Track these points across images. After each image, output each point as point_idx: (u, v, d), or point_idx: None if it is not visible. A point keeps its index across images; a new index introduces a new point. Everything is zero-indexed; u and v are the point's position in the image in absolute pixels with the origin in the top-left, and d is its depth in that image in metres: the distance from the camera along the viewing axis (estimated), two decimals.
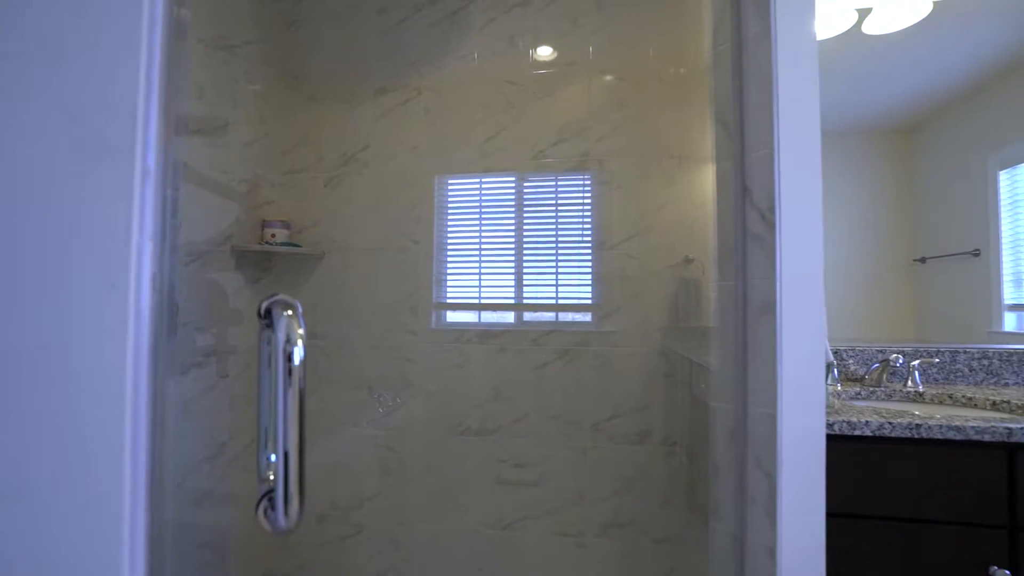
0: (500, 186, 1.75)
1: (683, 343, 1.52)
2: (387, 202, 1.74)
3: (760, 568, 0.76)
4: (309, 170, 1.77)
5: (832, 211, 1.68)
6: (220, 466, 1.55)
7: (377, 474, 1.70)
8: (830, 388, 1.34)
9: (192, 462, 1.47)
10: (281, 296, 0.52)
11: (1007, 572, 0.91)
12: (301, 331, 0.51)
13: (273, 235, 1.66)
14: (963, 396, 1.25)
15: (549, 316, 1.71)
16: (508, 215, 1.74)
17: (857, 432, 0.96)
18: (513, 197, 1.73)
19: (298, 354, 0.50)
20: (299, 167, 1.77)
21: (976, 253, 1.64)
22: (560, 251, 1.71)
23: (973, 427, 0.93)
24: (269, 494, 0.50)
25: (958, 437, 0.93)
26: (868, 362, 1.45)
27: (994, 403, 1.18)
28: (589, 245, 1.67)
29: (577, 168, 1.63)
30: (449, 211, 1.76)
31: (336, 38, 1.76)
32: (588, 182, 1.67)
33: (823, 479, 0.79)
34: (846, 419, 0.96)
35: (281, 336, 0.50)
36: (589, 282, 1.68)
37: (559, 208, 1.70)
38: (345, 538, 1.72)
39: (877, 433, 0.95)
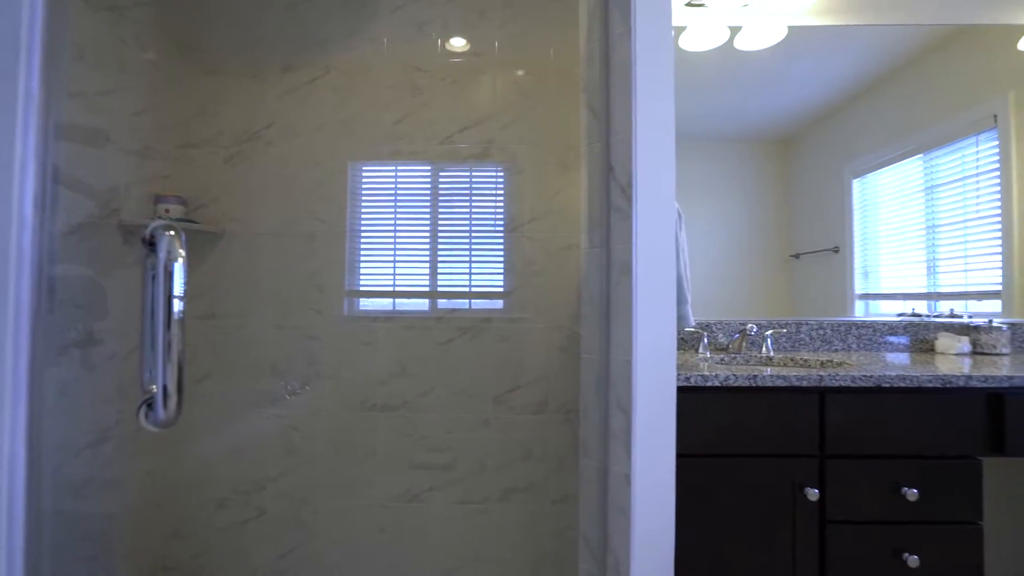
0: (415, 174, 1.78)
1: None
2: (293, 182, 1.72)
3: (618, 491, 0.88)
4: (208, 145, 1.71)
5: (722, 210, 1.90)
6: (105, 453, 1.47)
7: (281, 454, 1.69)
8: (701, 355, 1.53)
9: (72, 448, 1.39)
10: (164, 222, 0.55)
11: (816, 490, 1.11)
12: (182, 252, 0.54)
13: (167, 210, 1.60)
14: (802, 359, 1.48)
15: (463, 304, 1.78)
16: (423, 203, 1.78)
17: (710, 384, 1.12)
18: (428, 185, 1.78)
19: (179, 270, 0.53)
20: (196, 141, 1.70)
21: (835, 250, 1.93)
22: (474, 239, 1.77)
23: (795, 375, 1.12)
24: (150, 399, 0.53)
25: (784, 384, 1.12)
26: (733, 334, 1.67)
27: (822, 363, 1.42)
28: (501, 233, 1.76)
29: (482, 154, 1.72)
30: (363, 198, 1.77)
31: (238, 9, 1.72)
32: (501, 173, 1.75)
33: (673, 415, 0.93)
34: (700, 373, 1.12)
35: (163, 254, 0.53)
36: (501, 270, 1.77)
37: (473, 196, 1.77)
38: (247, 522, 1.68)
39: (724, 384, 1.12)
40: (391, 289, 1.78)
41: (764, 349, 1.54)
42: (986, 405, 1.15)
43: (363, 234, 1.77)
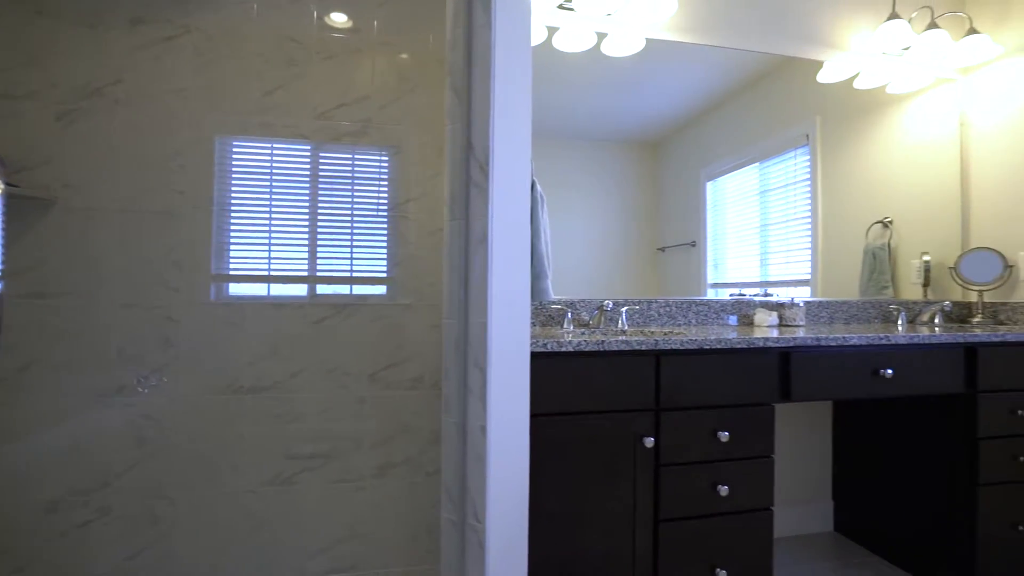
0: (294, 153, 1.71)
1: None
2: (147, 148, 1.58)
3: (476, 443, 0.97)
4: (35, 98, 1.50)
5: (600, 205, 2.06)
6: None
7: (130, 446, 1.55)
8: (564, 329, 1.67)
9: None
10: None
11: (652, 439, 1.29)
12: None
13: None
14: (649, 331, 1.69)
15: (343, 289, 1.75)
16: (302, 183, 1.72)
17: (564, 349, 1.25)
18: (308, 165, 1.72)
19: None
20: (20, 92, 1.49)
21: (693, 244, 2.20)
22: (356, 223, 1.74)
23: (636, 340, 1.29)
24: None
25: (627, 348, 1.29)
26: (594, 311, 1.85)
27: (665, 334, 1.63)
28: (385, 217, 1.76)
29: (359, 133, 1.71)
30: (234, 173, 1.66)
31: None
32: (385, 157, 1.75)
33: (526, 373, 1.03)
34: (556, 340, 1.25)
35: None
36: (385, 255, 1.77)
37: (355, 179, 1.75)
38: (86, 524, 1.52)
39: (576, 349, 1.25)
40: (266, 273, 1.70)
41: (620, 324, 1.73)
42: (778, 362, 1.42)
43: (233, 213, 1.67)
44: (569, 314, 1.67)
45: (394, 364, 1.69)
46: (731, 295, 2.09)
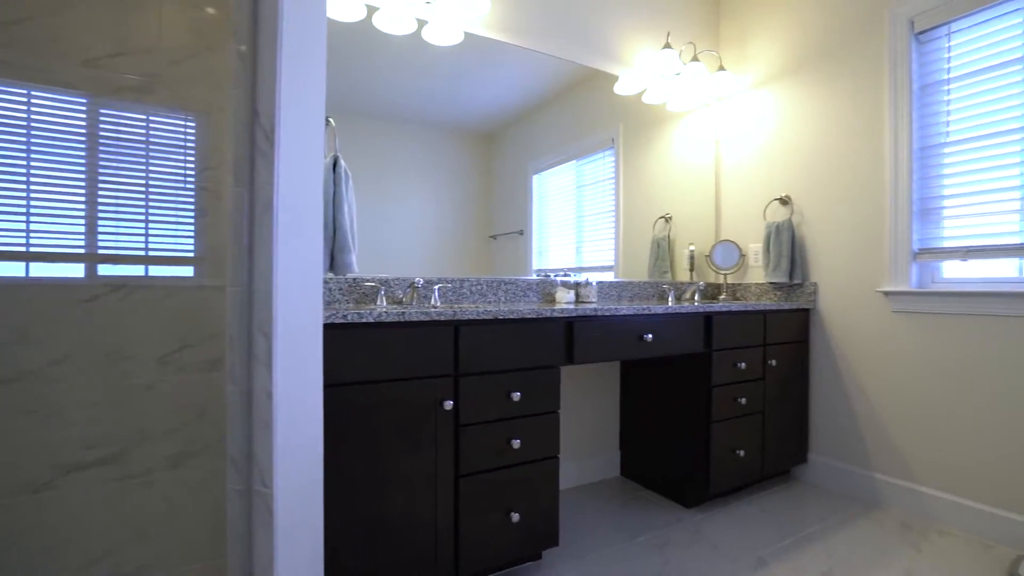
0: (60, 106, 1.45)
1: None
2: None
3: (262, 409, 0.97)
4: None
5: (437, 192, 2.10)
6: None
7: None
8: (378, 306, 1.71)
9: None
10: None
11: (451, 402, 1.41)
12: None
13: None
14: (460, 307, 1.81)
15: (137, 270, 1.54)
16: (76, 145, 1.46)
17: (364, 320, 1.29)
18: (84, 123, 1.47)
19: None
20: None
21: (520, 233, 2.37)
22: (154, 196, 1.55)
23: (435, 311, 1.40)
24: None
25: (427, 319, 1.38)
26: (407, 288, 1.92)
27: (479, 312, 1.77)
28: (192, 191, 1.59)
29: (143, 89, 1.52)
30: None
31: None
32: (191, 121, 1.58)
33: (319, 341, 1.06)
34: (356, 311, 1.28)
35: None
36: (192, 233, 1.60)
37: (151, 145, 1.55)
38: None
39: (377, 320, 1.31)
40: (24, 250, 1.43)
41: (432, 300, 1.83)
42: (564, 331, 1.64)
43: None
44: (383, 291, 1.71)
45: (189, 346, 1.56)
46: (535, 275, 2.32)
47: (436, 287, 1.82)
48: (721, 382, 2.06)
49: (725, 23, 2.90)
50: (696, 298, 2.60)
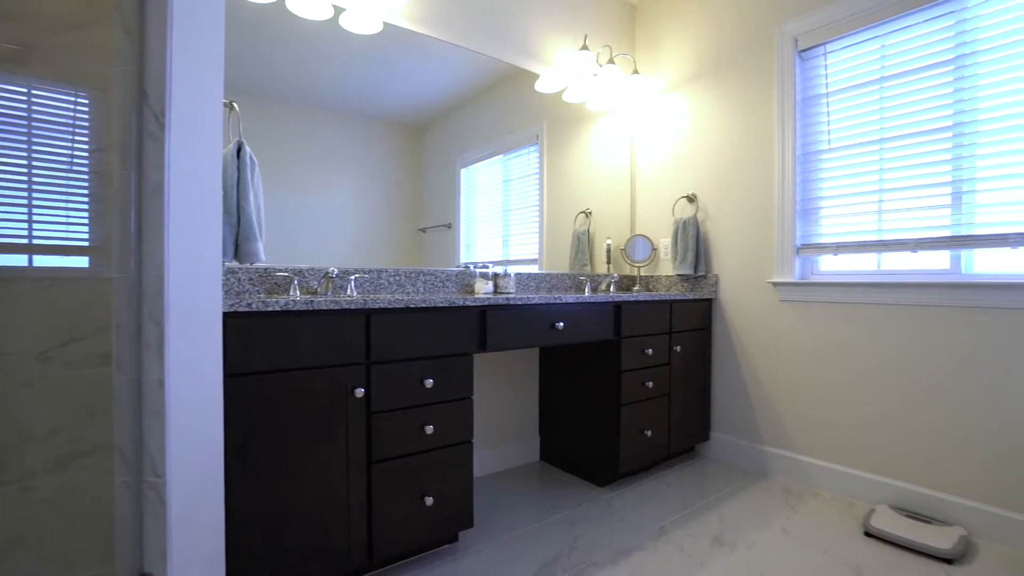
0: None
1: None
2: None
3: (153, 398, 0.94)
4: None
5: (366, 183, 2.07)
6: None
7: None
8: (291, 296, 1.68)
9: None
10: None
11: (362, 389, 1.42)
12: None
13: None
14: (376, 297, 1.82)
15: (19, 260, 1.41)
16: None
17: (271, 308, 1.28)
18: None
19: None
20: None
21: (449, 226, 2.38)
22: (40, 178, 1.41)
23: (345, 300, 1.40)
24: None
25: (336, 308, 1.39)
26: (322, 279, 1.89)
27: (390, 300, 1.78)
28: (85, 173, 1.47)
29: (16, 60, 1.40)
30: None
31: None
32: (83, 98, 1.45)
33: (218, 329, 1.04)
34: (263, 299, 1.27)
35: None
36: (86, 220, 1.48)
37: (35, 122, 1.42)
38: None
39: (284, 308, 1.30)
40: None
41: (349, 291, 1.82)
42: (478, 319, 1.70)
43: None
44: (296, 281, 1.69)
45: (77, 339, 1.46)
46: (455, 267, 2.36)
47: (352, 277, 1.82)
48: (630, 367, 2.20)
49: (640, 29, 3.07)
50: (611, 289, 2.75)
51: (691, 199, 2.76)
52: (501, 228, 2.57)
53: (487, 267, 2.32)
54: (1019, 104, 1.77)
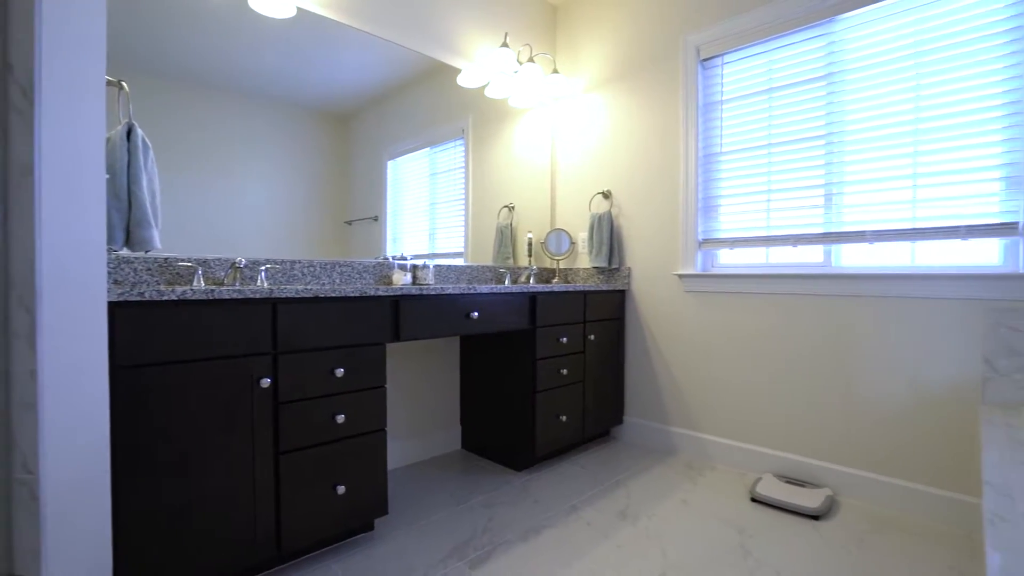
0: None
1: None
2: None
3: (23, 390, 0.89)
4: None
5: (287, 172, 1.99)
6: None
7: None
8: (195, 287, 1.61)
9: None
10: None
11: (269, 379, 1.41)
12: None
13: None
14: (285, 288, 1.79)
15: None
16: None
17: (166, 298, 1.23)
18: None
19: None
20: None
21: (375, 219, 2.34)
22: None
23: (250, 289, 1.38)
24: None
25: (240, 297, 1.36)
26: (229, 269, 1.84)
27: (298, 290, 1.75)
28: None
29: None
30: None
31: None
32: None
33: (103, 318, 1.00)
34: (156, 288, 1.22)
35: None
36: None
37: None
38: None
39: (181, 297, 1.26)
40: None
41: (259, 282, 1.78)
42: (391, 309, 1.72)
43: None
44: (200, 271, 1.62)
45: None
46: (373, 259, 2.35)
47: (263, 268, 1.77)
48: (545, 355, 2.30)
49: (561, 30, 3.17)
50: (531, 280, 2.84)
51: (607, 195, 2.90)
52: (428, 221, 2.58)
53: (405, 259, 2.33)
54: (876, 118, 2.02)
